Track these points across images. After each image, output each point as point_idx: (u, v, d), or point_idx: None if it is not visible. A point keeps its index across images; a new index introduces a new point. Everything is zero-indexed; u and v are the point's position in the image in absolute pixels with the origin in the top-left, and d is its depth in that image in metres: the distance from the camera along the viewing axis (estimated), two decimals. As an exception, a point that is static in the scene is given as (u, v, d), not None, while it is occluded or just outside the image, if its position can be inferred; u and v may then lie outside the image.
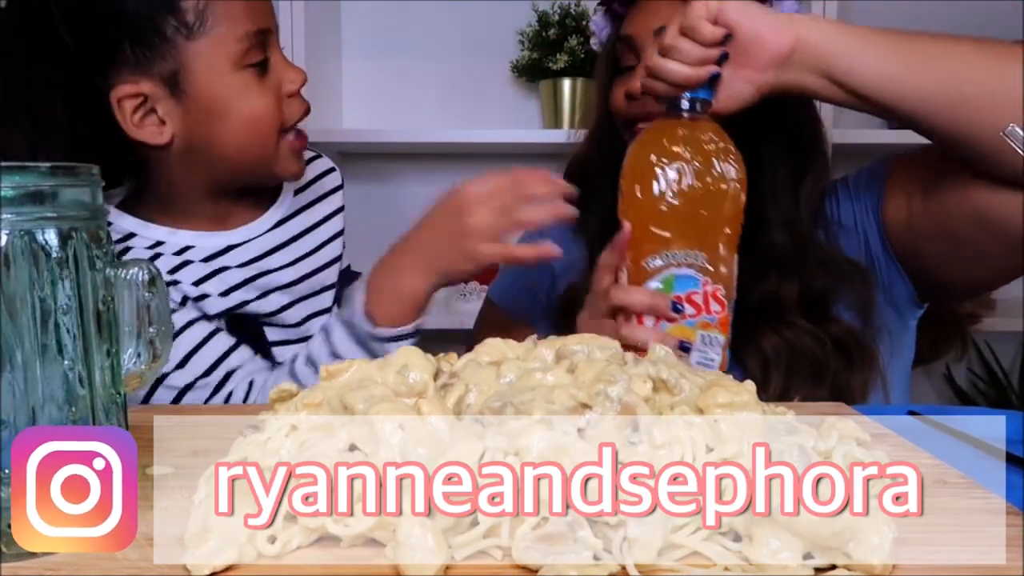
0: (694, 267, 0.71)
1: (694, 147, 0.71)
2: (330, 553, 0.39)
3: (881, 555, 0.36)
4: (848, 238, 0.91)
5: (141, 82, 0.80)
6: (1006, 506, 0.44)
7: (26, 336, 0.38)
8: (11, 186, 0.37)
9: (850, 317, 0.87)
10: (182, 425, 0.61)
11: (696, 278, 0.71)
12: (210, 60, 0.80)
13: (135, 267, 0.43)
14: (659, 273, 0.71)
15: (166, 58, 0.80)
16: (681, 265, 0.71)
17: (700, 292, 0.71)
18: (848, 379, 0.84)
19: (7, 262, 0.37)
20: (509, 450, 0.39)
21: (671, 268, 0.71)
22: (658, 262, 0.71)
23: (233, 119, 0.82)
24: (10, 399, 0.37)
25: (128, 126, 0.81)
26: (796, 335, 0.84)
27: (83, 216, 0.40)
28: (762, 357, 0.83)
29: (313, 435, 0.43)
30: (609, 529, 0.38)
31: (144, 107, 0.81)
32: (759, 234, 0.85)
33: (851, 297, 0.87)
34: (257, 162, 0.86)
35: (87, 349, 0.40)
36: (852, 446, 0.45)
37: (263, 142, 0.85)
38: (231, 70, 0.81)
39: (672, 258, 0.71)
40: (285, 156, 0.87)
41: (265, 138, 0.84)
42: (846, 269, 0.87)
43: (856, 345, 0.85)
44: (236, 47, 0.81)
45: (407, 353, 0.48)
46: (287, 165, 0.88)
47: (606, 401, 0.42)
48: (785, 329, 0.83)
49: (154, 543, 0.40)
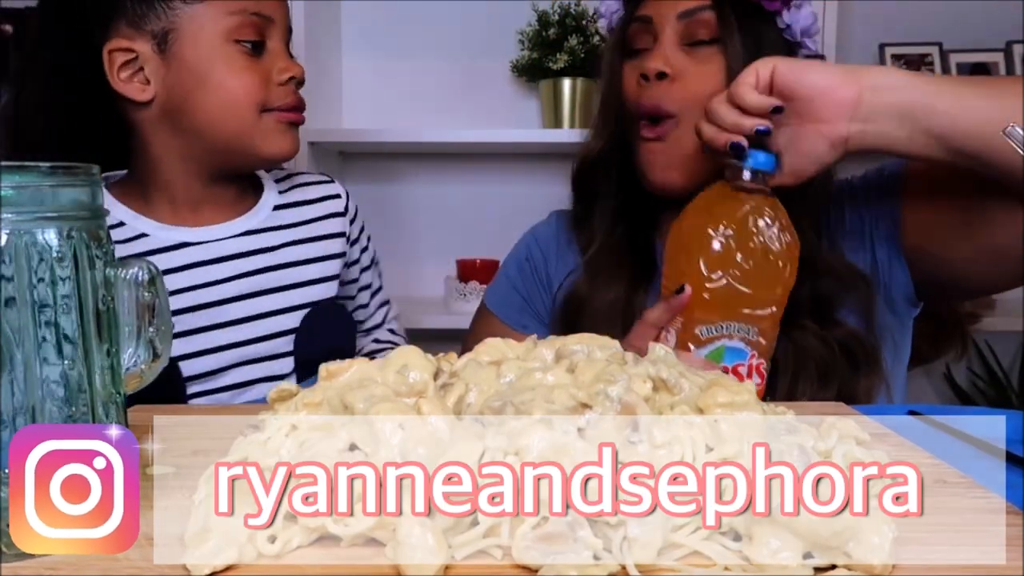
0: (745, 340, 0.70)
1: (758, 222, 0.71)
2: (330, 553, 0.39)
3: (881, 555, 0.36)
4: (851, 241, 0.91)
5: (136, 39, 0.83)
6: (1006, 506, 0.44)
7: (26, 336, 0.38)
8: (11, 186, 0.37)
9: (854, 322, 0.87)
10: (182, 425, 0.61)
11: (745, 351, 0.71)
12: (202, 26, 0.83)
13: (135, 267, 0.43)
14: (711, 343, 0.71)
15: (160, 17, 0.82)
16: (734, 337, 0.70)
17: (746, 365, 0.71)
18: (854, 383, 0.84)
19: (7, 262, 0.37)
20: (509, 450, 0.39)
21: (723, 339, 0.71)
22: (712, 332, 0.71)
23: (212, 89, 0.84)
24: (10, 399, 0.37)
25: (114, 78, 0.83)
26: (803, 337, 0.83)
27: (83, 216, 0.40)
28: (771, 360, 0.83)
29: (313, 435, 0.43)
30: (609, 529, 0.38)
31: (133, 64, 0.83)
32: None
33: (854, 302, 0.87)
34: (234, 138, 0.86)
35: (87, 349, 0.40)
36: (852, 446, 0.45)
37: (238, 117, 0.85)
38: (220, 41, 0.83)
39: (726, 329, 0.70)
40: (269, 131, 0.87)
41: (241, 113, 0.85)
42: (849, 275, 0.87)
43: (861, 349, 0.85)
44: (229, 20, 0.83)
45: (407, 353, 0.48)
46: (271, 142, 0.87)
47: (606, 401, 0.42)
48: (792, 331, 0.83)
49: (154, 543, 0.40)
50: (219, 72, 0.83)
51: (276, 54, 0.87)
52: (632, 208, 0.94)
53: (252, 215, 0.93)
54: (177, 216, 0.90)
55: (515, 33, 1.69)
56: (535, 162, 1.81)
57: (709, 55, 0.86)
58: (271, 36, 0.86)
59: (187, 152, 0.87)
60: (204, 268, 0.88)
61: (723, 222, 0.71)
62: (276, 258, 0.92)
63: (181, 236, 0.89)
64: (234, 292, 0.89)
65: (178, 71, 0.83)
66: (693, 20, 0.86)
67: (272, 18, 0.86)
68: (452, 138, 1.63)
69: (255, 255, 0.91)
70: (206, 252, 0.89)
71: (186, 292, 0.87)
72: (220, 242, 0.90)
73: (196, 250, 0.89)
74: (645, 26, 0.89)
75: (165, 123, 0.86)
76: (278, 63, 0.87)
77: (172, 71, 0.83)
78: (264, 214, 0.94)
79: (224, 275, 0.89)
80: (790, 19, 0.87)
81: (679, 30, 0.87)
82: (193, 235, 0.89)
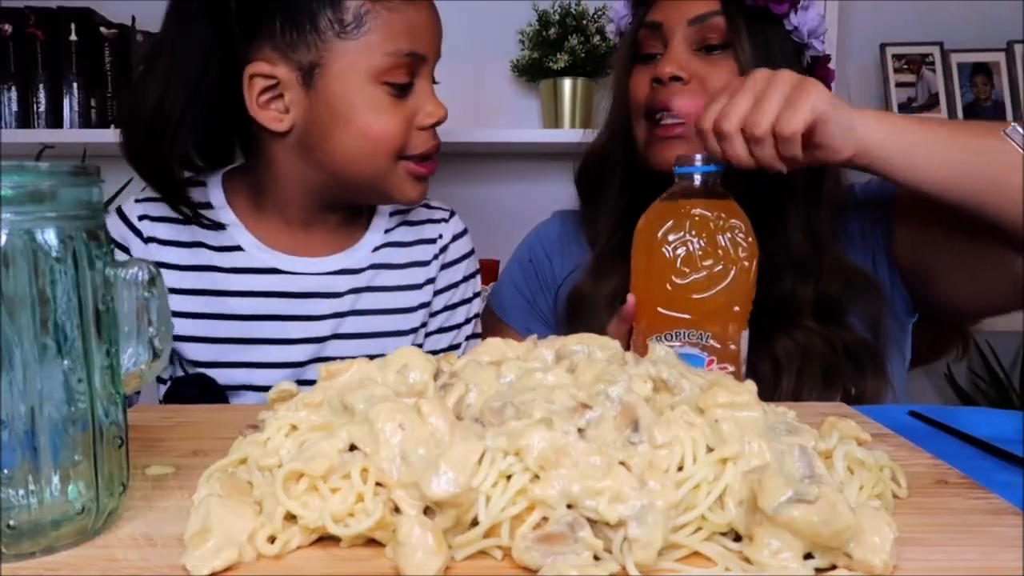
0: (699, 346, 0.70)
1: (702, 226, 0.70)
2: (330, 553, 0.39)
3: (881, 555, 0.36)
4: (854, 247, 0.91)
5: (278, 65, 0.78)
6: (1006, 506, 0.44)
7: (26, 336, 0.38)
8: (11, 186, 0.37)
9: (861, 328, 0.87)
10: (182, 425, 0.61)
11: (701, 357, 0.70)
12: (352, 64, 0.78)
13: (135, 267, 0.43)
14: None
15: (310, 48, 0.78)
16: (686, 344, 0.70)
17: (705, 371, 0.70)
18: (860, 386, 0.84)
19: (7, 262, 0.37)
20: (509, 450, 0.39)
21: (675, 346, 0.70)
22: (664, 339, 0.70)
23: (354, 128, 0.79)
24: (10, 399, 0.37)
25: (252, 104, 0.79)
26: (808, 338, 0.83)
27: (83, 216, 0.40)
28: (774, 360, 0.83)
29: (313, 435, 0.43)
30: (609, 529, 0.38)
31: (273, 91, 0.79)
32: (777, 235, 0.85)
33: (863, 308, 0.88)
34: (367, 181, 0.83)
35: (87, 349, 0.40)
36: (852, 446, 0.46)
37: (375, 161, 0.81)
38: (369, 81, 0.79)
39: (677, 337, 0.70)
40: (402, 180, 0.83)
41: (379, 158, 0.81)
42: (859, 280, 0.88)
43: (867, 354, 0.85)
44: (383, 61, 0.78)
45: (407, 353, 0.48)
46: (404, 189, 0.84)
47: (606, 401, 0.42)
48: (797, 332, 0.83)
49: (154, 543, 0.40)
50: (363, 114, 0.79)
51: (423, 95, 0.82)
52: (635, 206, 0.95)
53: (352, 252, 0.89)
54: (282, 233, 0.87)
55: (515, 33, 1.69)
56: (535, 162, 1.81)
57: (720, 59, 0.87)
58: (420, 75, 0.82)
59: (314, 183, 0.84)
60: (287, 300, 0.86)
61: (667, 228, 0.71)
62: (359, 303, 0.88)
63: (275, 261, 0.86)
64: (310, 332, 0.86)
65: (320, 105, 0.79)
66: (704, 25, 0.87)
67: (426, 57, 0.82)
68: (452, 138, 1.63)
69: (338, 297, 0.87)
70: (293, 283, 0.86)
71: (262, 321, 0.85)
72: (309, 276, 0.87)
73: (285, 279, 0.86)
74: (655, 32, 0.89)
75: (297, 152, 0.82)
76: (425, 106, 0.82)
77: (313, 104, 0.79)
78: (363, 253, 0.90)
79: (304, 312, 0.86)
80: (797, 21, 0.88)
81: (690, 35, 0.87)
82: (288, 263, 0.87)
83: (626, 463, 0.39)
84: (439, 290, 0.93)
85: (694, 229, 0.70)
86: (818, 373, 0.83)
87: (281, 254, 0.87)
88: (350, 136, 0.80)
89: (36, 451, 0.38)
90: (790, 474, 0.39)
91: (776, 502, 0.36)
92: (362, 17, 0.78)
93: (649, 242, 0.72)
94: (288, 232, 0.87)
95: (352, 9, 0.77)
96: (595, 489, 0.38)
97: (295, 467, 0.40)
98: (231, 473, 0.44)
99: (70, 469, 0.40)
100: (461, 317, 0.96)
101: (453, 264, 0.95)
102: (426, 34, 0.82)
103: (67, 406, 0.39)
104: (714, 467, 0.40)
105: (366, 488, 0.39)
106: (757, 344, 0.82)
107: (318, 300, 0.87)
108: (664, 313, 0.71)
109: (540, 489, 0.38)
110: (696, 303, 0.70)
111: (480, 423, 0.42)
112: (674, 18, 0.88)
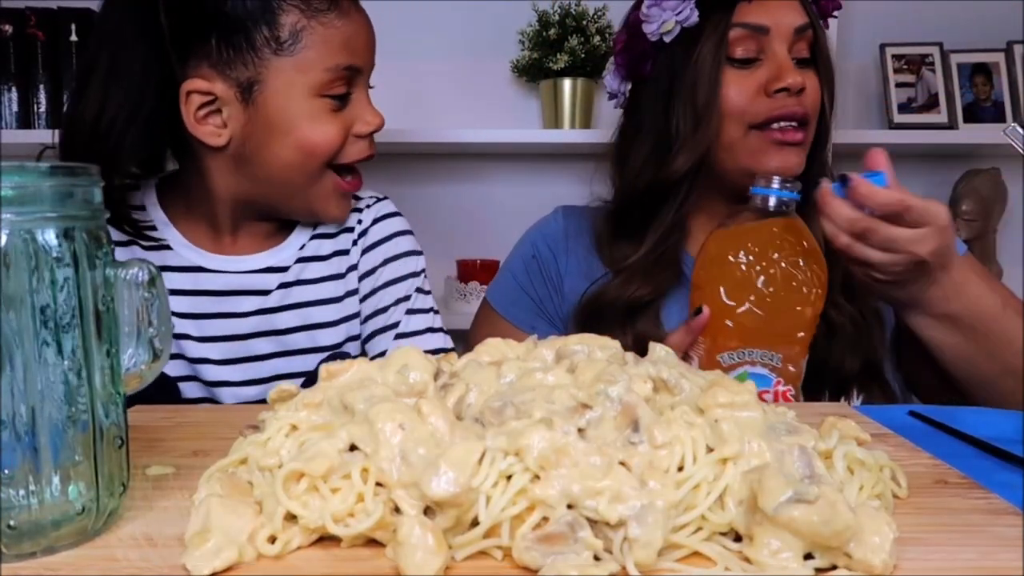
0: (768, 367, 0.70)
1: (781, 249, 0.71)
2: (330, 553, 0.39)
3: (881, 555, 0.36)
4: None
5: (215, 82, 0.79)
6: (1006, 506, 0.44)
7: (26, 336, 0.38)
8: (11, 186, 0.37)
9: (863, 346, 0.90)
10: (182, 425, 0.61)
11: (769, 378, 0.70)
12: (291, 80, 0.79)
13: (135, 267, 0.43)
14: (733, 369, 0.71)
15: (248, 65, 0.78)
16: (756, 364, 0.70)
17: (771, 392, 0.70)
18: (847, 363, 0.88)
19: (7, 262, 0.37)
20: (509, 450, 0.39)
21: (746, 366, 0.70)
22: (734, 358, 0.71)
23: (291, 140, 0.80)
24: (10, 399, 0.37)
25: (189, 120, 0.79)
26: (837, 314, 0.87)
27: (83, 216, 0.40)
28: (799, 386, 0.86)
29: (313, 435, 0.43)
30: (609, 529, 0.38)
31: (210, 106, 0.80)
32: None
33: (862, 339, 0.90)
34: (298, 191, 0.84)
35: (87, 349, 0.40)
36: (852, 446, 0.46)
37: (308, 171, 0.82)
38: (308, 95, 0.80)
39: (748, 356, 0.70)
40: (328, 193, 0.85)
41: (313, 163, 0.82)
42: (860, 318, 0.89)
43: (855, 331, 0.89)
44: (321, 76, 0.79)
45: (407, 353, 0.48)
46: (328, 204, 0.86)
47: (606, 401, 0.42)
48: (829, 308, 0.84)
49: (154, 543, 0.40)
50: (302, 126, 0.80)
51: (359, 104, 0.84)
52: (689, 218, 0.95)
53: (278, 250, 0.90)
54: (209, 235, 0.88)
55: (515, 33, 1.69)
56: (535, 162, 1.81)
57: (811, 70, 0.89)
58: (357, 85, 0.83)
59: (246, 195, 0.85)
60: (211, 298, 0.86)
61: (744, 249, 0.71)
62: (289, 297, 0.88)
63: (201, 260, 0.87)
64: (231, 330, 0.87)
65: (258, 120, 0.80)
66: (804, 36, 0.88)
67: (362, 69, 0.83)
68: (452, 138, 1.63)
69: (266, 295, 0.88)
70: (219, 281, 0.87)
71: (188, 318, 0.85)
72: (234, 275, 0.87)
73: (210, 277, 0.87)
74: (759, 34, 0.87)
75: (231, 164, 0.83)
76: (363, 115, 0.84)
77: (251, 119, 0.80)
78: (290, 251, 0.90)
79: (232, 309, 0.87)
80: None
81: (791, 44, 0.88)
82: (214, 262, 0.87)
83: (626, 463, 0.39)
84: (363, 275, 0.93)
85: (776, 251, 0.71)
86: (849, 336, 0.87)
87: (207, 253, 0.87)
88: (286, 147, 0.81)
89: (36, 451, 0.38)
90: (790, 474, 0.39)
91: (776, 502, 0.36)
92: (298, 34, 0.78)
93: (727, 258, 0.72)
94: (215, 235, 0.88)
95: (288, 26, 0.78)
96: (595, 489, 0.38)
97: (295, 467, 0.40)
98: (231, 473, 0.44)
99: (70, 469, 0.40)
100: (391, 298, 0.93)
101: (374, 247, 0.93)
102: (362, 47, 0.83)
103: (67, 406, 0.39)
104: (714, 467, 0.40)
105: (366, 488, 0.39)
106: None
107: (243, 298, 0.87)
108: (737, 330, 0.71)
109: (540, 489, 0.38)
110: (771, 322, 0.70)
111: (480, 423, 0.42)
112: (784, 24, 0.87)
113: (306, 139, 0.80)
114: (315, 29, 0.79)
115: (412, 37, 1.79)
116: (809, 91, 0.88)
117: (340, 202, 0.87)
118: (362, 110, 0.84)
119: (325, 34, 0.79)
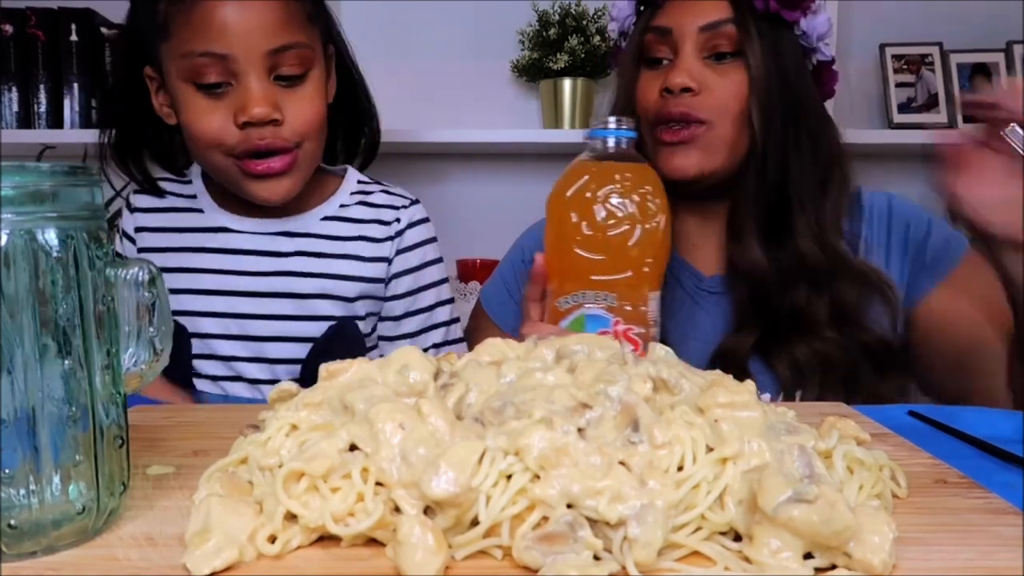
0: (605, 307, 0.71)
1: (606, 187, 0.70)
2: (330, 553, 0.39)
3: (881, 555, 0.36)
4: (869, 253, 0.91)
5: (153, 67, 0.87)
6: (1006, 506, 0.44)
7: (26, 336, 0.38)
8: (11, 186, 0.37)
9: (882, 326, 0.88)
10: (182, 425, 0.61)
11: (607, 318, 0.71)
12: (169, 68, 0.84)
13: (135, 267, 0.43)
14: (570, 313, 0.72)
15: (152, 52, 0.85)
16: (591, 305, 0.71)
17: (611, 332, 0.71)
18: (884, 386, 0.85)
19: (8, 262, 0.37)
20: (509, 450, 0.39)
21: (580, 308, 0.71)
22: (569, 302, 0.71)
23: (183, 127, 0.86)
24: (10, 399, 0.37)
25: (154, 100, 0.89)
26: (826, 347, 0.84)
27: (83, 216, 0.40)
28: (795, 366, 0.84)
29: (313, 435, 0.43)
30: (609, 529, 0.38)
31: (161, 90, 0.88)
32: (788, 245, 0.85)
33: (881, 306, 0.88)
34: (215, 171, 0.88)
35: (87, 349, 0.40)
36: (852, 446, 0.46)
37: (210, 158, 0.86)
38: (182, 81, 0.83)
39: (582, 298, 0.71)
40: (238, 178, 0.87)
41: (211, 156, 0.85)
42: (873, 279, 0.88)
43: (886, 352, 0.85)
44: (181, 62, 0.82)
45: (407, 353, 0.48)
46: (249, 188, 0.87)
47: (606, 401, 0.42)
48: (815, 341, 0.84)
49: (155, 543, 0.40)
50: (183, 113, 0.84)
51: (244, 94, 0.81)
52: None
53: (300, 217, 0.94)
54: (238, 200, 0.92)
55: (515, 33, 1.69)
56: (535, 162, 1.81)
57: (729, 67, 0.87)
58: (241, 73, 0.80)
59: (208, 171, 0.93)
60: (234, 256, 0.92)
61: (573, 190, 0.72)
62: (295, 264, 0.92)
63: (227, 221, 0.93)
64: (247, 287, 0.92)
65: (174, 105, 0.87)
66: (715, 33, 0.86)
67: (230, 55, 0.80)
68: (452, 138, 1.63)
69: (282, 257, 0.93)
70: (241, 241, 0.92)
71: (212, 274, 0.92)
72: (254, 235, 0.93)
73: (234, 237, 0.93)
74: (664, 37, 0.88)
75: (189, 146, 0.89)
76: (243, 104, 0.81)
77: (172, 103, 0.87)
78: (312, 220, 0.94)
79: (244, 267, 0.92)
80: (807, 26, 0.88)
81: (700, 42, 0.87)
82: (237, 223, 0.93)
83: (626, 463, 0.39)
84: (397, 273, 0.96)
85: (599, 190, 0.71)
86: (839, 382, 0.83)
87: (232, 215, 0.94)
88: (185, 134, 0.87)
89: (37, 451, 0.38)
90: (790, 474, 0.39)
91: (776, 502, 0.36)
92: (166, 21, 0.82)
93: (556, 204, 0.73)
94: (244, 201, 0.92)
95: (160, 14, 0.82)
96: (595, 489, 0.38)
97: (295, 467, 0.40)
98: (232, 473, 0.44)
99: (71, 469, 0.40)
100: (429, 300, 0.98)
101: (410, 249, 0.97)
102: (224, 33, 0.80)
103: (68, 406, 0.39)
104: (714, 467, 0.40)
105: (366, 488, 0.39)
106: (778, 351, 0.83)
107: (262, 258, 0.92)
108: (567, 273, 0.72)
109: (540, 489, 0.38)
110: (601, 263, 0.71)
111: (480, 423, 0.42)
112: (685, 24, 0.87)
113: (187, 126, 0.85)
114: (175, 16, 0.81)
115: (412, 37, 1.79)
116: (715, 88, 0.86)
117: (263, 184, 0.86)
118: (246, 99, 0.81)
119: (184, 20, 0.81)
